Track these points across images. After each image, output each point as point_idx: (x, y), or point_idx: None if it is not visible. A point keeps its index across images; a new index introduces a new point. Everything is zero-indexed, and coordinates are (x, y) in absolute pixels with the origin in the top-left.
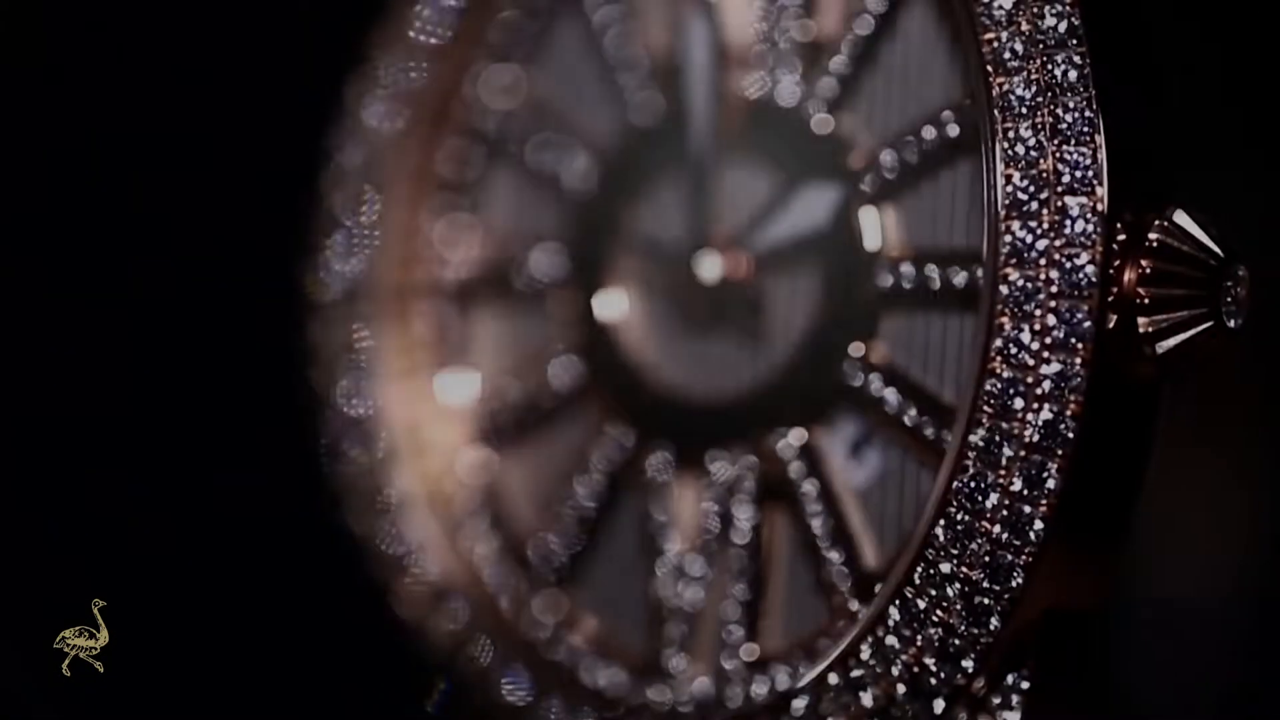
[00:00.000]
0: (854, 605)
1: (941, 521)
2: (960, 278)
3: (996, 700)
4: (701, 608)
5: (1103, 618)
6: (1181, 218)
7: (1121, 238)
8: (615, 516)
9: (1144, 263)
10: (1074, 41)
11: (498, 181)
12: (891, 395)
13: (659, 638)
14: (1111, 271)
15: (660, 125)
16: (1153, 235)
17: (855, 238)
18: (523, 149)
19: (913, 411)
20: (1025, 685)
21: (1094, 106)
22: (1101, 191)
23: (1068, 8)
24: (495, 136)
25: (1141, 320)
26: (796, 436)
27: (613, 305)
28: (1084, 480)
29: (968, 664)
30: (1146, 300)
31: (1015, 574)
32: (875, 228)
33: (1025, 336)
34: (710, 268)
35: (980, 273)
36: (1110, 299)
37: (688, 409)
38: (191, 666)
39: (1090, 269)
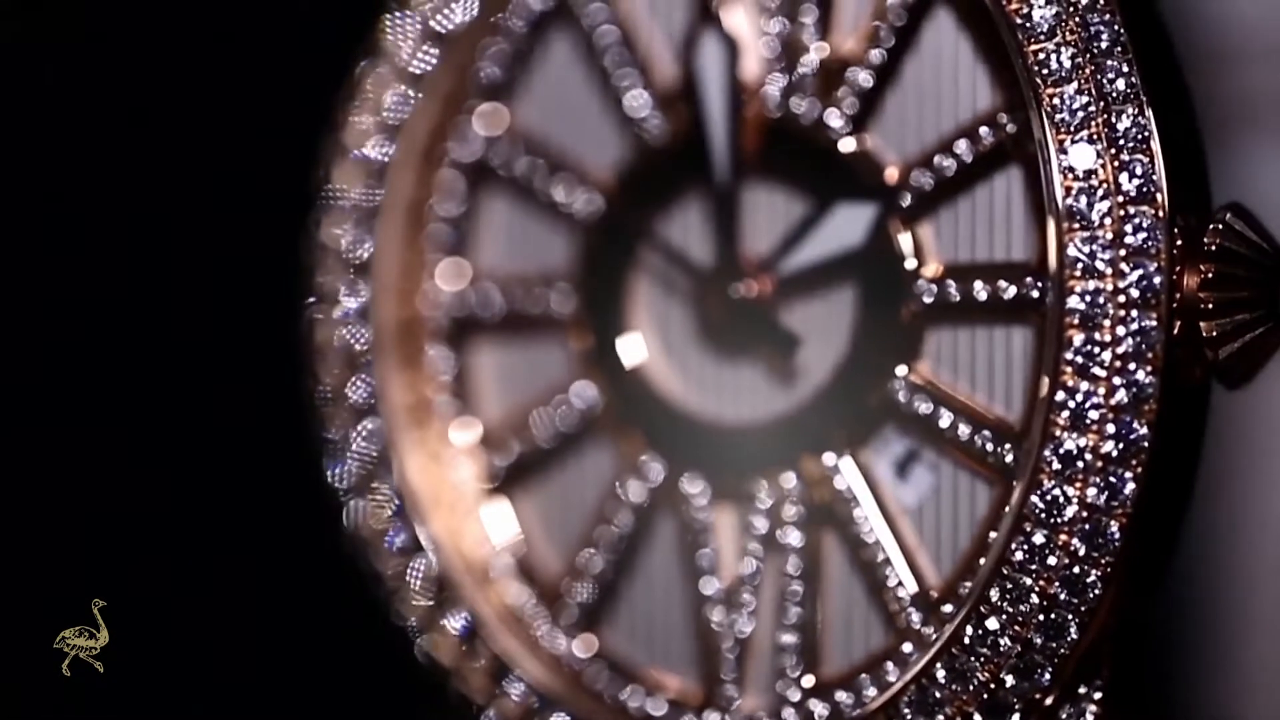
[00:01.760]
0: (920, 625)
1: (1018, 538)
2: (1009, 291)
3: (1069, 712)
4: (752, 637)
5: (1172, 626)
6: (1235, 219)
7: (1179, 244)
8: (652, 552)
9: (1203, 267)
10: (1119, 49)
11: (498, 214)
12: (939, 411)
13: (711, 670)
14: (1174, 278)
15: (675, 150)
16: (1208, 239)
17: (892, 255)
18: (523, 180)
19: (963, 427)
20: (1098, 695)
21: (1146, 113)
22: (1162, 199)
23: (1111, 16)
24: (493, 168)
25: (1204, 325)
26: (842, 458)
27: (633, 335)
28: (1158, 487)
29: (1045, 678)
30: (1209, 305)
31: (1094, 585)
32: (913, 244)
33: (1096, 348)
34: (740, 293)
35: (1032, 285)
36: (1174, 305)
37: (723, 436)
38: (199, 675)
39: (1158, 277)
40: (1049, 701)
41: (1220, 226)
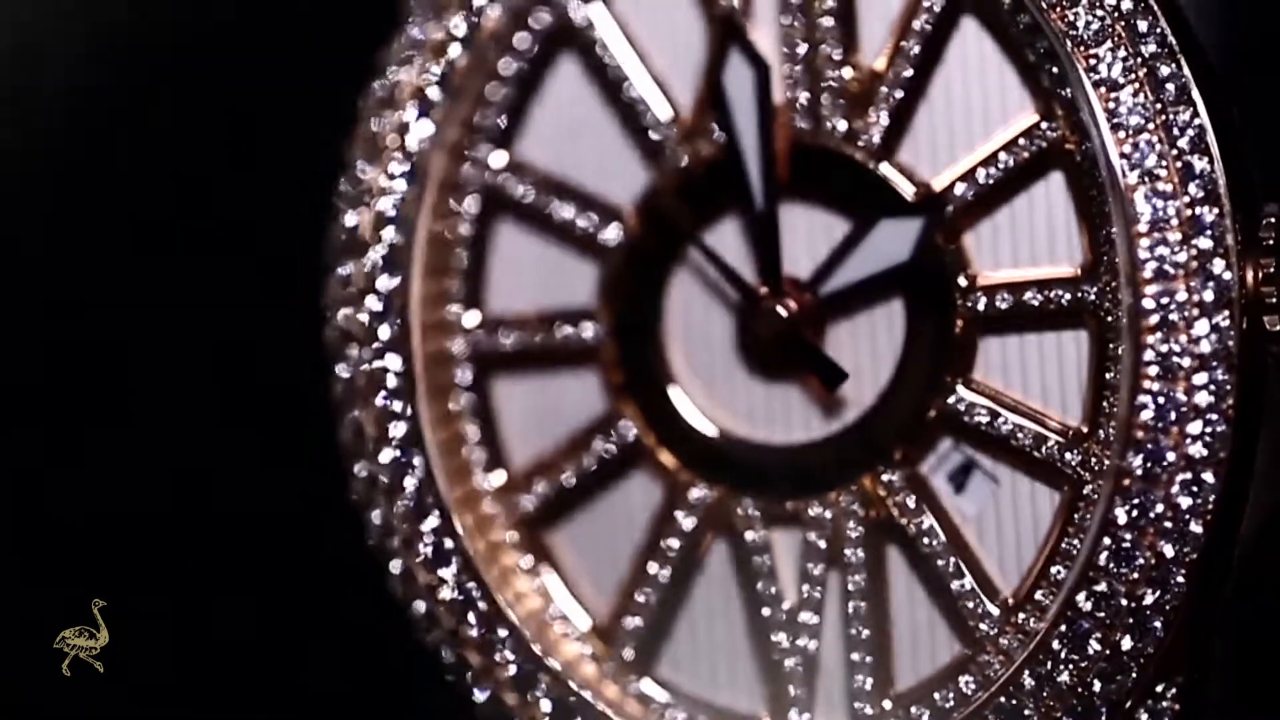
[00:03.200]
0: (995, 635)
1: (1105, 542)
2: (1065, 297)
3: (1151, 711)
4: (819, 657)
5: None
6: None
7: (1240, 241)
8: (708, 580)
9: (1264, 262)
10: (1164, 51)
11: (517, 245)
12: (998, 420)
13: (779, 693)
14: (1240, 275)
15: (705, 174)
16: (1264, 234)
17: (940, 267)
18: (542, 209)
19: (1024, 435)
20: (1174, 692)
21: (1201, 113)
22: (1225, 198)
23: (1154, 19)
24: (510, 198)
25: (1268, 319)
26: (900, 472)
27: (668, 363)
28: (1238, 485)
29: (1130, 680)
30: (1274, 299)
31: (1179, 585)
32: (959, 255)
33: (1174, 351)
34: (783, 314)
35: (1088, 290)
36: (1243, 303)
37: (774, 458)
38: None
39: (1227, 275)
40: (1133, 703)
41: (1274, 220)
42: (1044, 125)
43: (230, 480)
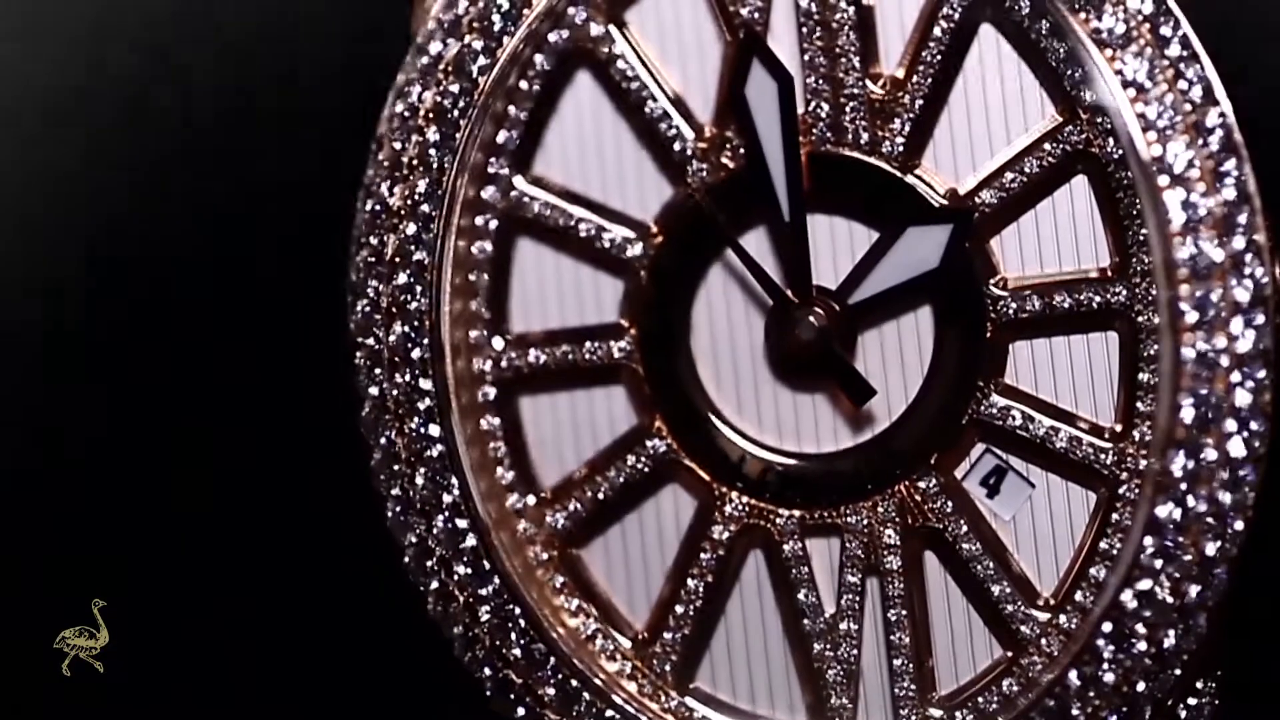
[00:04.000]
0: (1038, 637)
1: (1150, 541)
2: (1095, 299)
3: (1191, 706)
4: (860, 665)
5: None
6: None
7: (1270, 239)
8: (744, 593)
9: None
10: (1187, 53)
11: (543, 261)
12: (1031, 423)
13: (820, 702)
14: (1275, 274)
15: (728, 187)
16: None
17: (969, 273)
18: (568, 226)
19: (1059, 437)
20: (1214, 687)
21: (1229, 114)
22: (1257, 198)
23: (1175, 22)
24: (533, 216)
25: None
26: (935, 478)
27: (696, 375)
28: (1273, 482)
29: (1173, 677)
30: None
31: (1221, 582)
32: (986, 260)
33: (1214, 351)
34: (815, 324)
35: (1119, 291)
36: (1277, 300)
37: (808, 467)
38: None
39: (1263, 275)
40: (1174, 699)
41: None
42: (1068, 128)
43: (260, 504)
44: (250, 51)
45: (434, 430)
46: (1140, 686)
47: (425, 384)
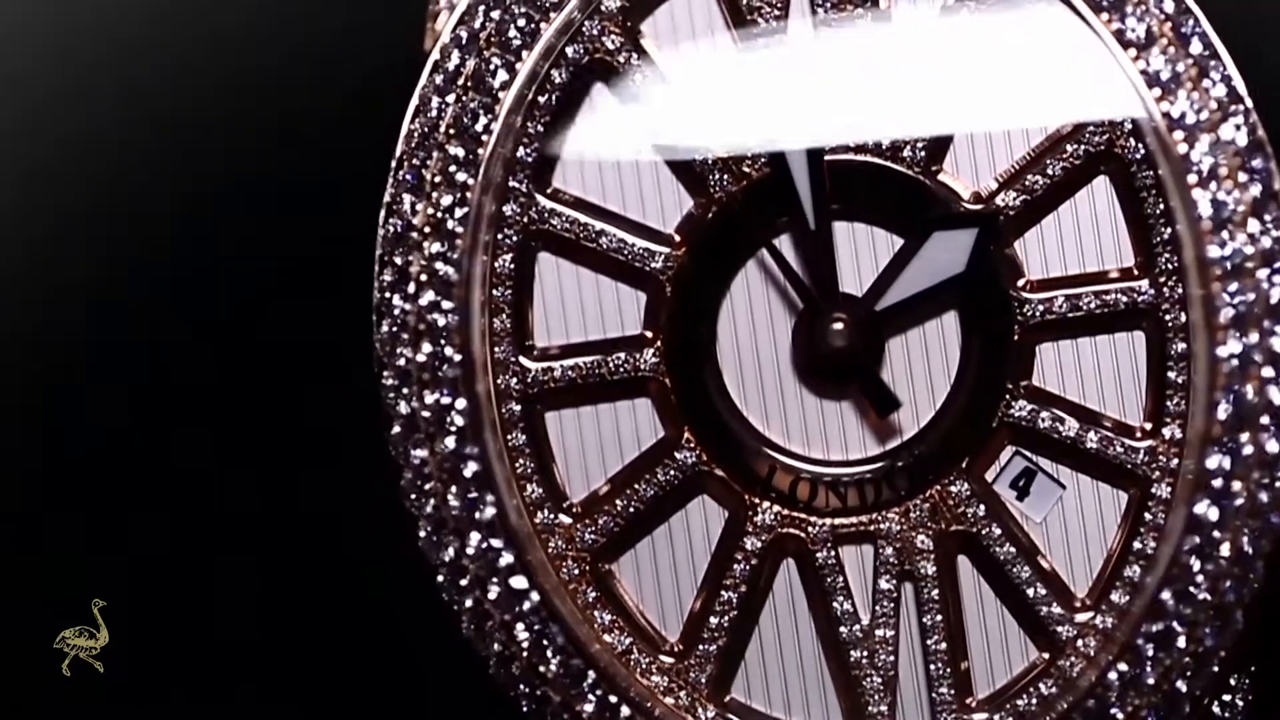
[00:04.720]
0: (1075, 638)
1: (1189, 540)
2: (1123, 299)
3: (1225, 702)
4: (896, 670)
5: None
6: None
7: None
8: (777, 602)
9: None
10: (1208, 51)
11: (565, 275)
12: (1060, 424)
13: (857, 709)
14: None
15: (750, 197)
16: None
17: (995, 276)
18: (591, 239)
19: (1089, 438)
20: (1247, 683)
21: (1253, 114)
22: None
23: (1196, 23)
24: (558, 229)
25: None
26: (967, 481)
27: (723, 386)
28: None
29: (1211, 673)
30: None
31: (1258, 579)
32: (1012, 263)
33: (1250, 349)
34: (841, 329)
35: (1146, 291)
36: None
37: (838, 475)
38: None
39: None
40: (1210, 696)
41: None
42: (1090, 129)
43: (289, 525)
44: (265, 65)
45: (467, 448)
46: (1180, 685)
47: (458, 402)
